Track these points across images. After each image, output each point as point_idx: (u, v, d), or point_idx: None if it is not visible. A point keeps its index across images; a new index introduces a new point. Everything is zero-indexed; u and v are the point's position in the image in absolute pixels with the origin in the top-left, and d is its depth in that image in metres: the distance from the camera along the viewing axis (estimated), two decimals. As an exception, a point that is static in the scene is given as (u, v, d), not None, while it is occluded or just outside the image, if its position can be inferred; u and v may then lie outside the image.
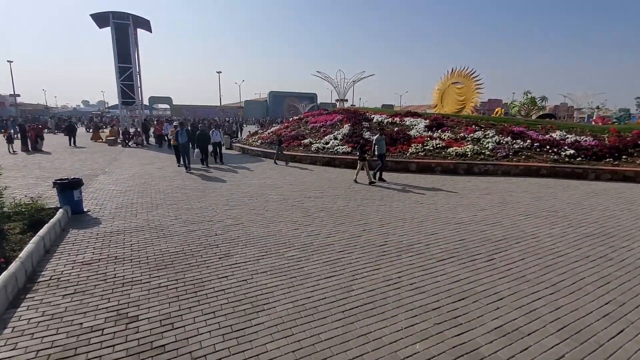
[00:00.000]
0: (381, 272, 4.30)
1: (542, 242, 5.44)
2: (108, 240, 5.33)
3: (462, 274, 4.29)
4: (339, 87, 42.69)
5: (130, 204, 7.39)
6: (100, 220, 6.32)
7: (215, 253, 4.84)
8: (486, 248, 5.16)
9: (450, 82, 21.78)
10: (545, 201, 8.07)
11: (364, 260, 4.65)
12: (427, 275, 4.25)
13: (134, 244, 5.17)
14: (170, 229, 5.82)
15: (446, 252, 4.97)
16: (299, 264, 4.51)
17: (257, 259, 4.65)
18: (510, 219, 6.64)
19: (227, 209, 7.09)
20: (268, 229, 5.88)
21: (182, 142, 12.21)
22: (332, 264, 4.52)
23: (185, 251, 4.90)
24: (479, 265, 4.55)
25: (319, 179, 10.62)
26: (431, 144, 13.28)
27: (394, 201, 7.96)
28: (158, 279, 4.06)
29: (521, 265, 4.58)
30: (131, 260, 4.60)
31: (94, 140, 23.21)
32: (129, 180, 10.03)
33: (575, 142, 12.61)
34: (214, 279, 4.09)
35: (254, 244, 5.19)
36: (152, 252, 4.84)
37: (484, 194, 8.71)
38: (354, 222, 6.33)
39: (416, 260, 4.69)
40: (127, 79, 21.40)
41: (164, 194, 8.36)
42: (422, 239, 5.52)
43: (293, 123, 19.95)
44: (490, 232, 5.90)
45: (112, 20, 20.53)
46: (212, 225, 6.06)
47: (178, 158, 12.90)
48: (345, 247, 5.13)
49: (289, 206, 7.41)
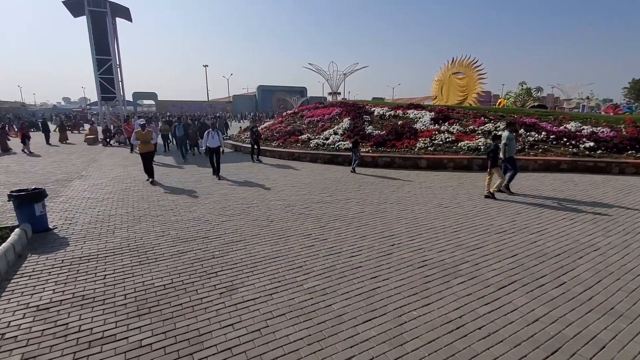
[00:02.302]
0: (434, 310, 3.31)
1: (607, 256, 4.54)
2: (75, 270, 4.19)
3: (537, 309, 3.33)
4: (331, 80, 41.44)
5: (107, 217, 6.21)
6: (69, 240, 5.15)
7: (214, 286, 3.77)
8: (547, 266, 4.23)
9: (450, 73, 20.86)
10: (580, 200, 7.22)
11: (407, 291, 3.65)
12: (494, 312, 3.27)
13: (108, 274, 4.05)
14: (155, 251, 4.70)
15: (503, 275, 4.01)
16: (324, 300, 3.48)
17: (270, 294, 3.60)
18: (554, 225, 5.75)
19: (225, 220, 6.00)
20: (277, 247, 4.82)
21: (179, 136, 13.85)
22: (367, 299, 3.50)
23: (175, 284, 3.81)
24: (552, 294, 3.60)
25: (322, 179, 9.58)
26: (440, 138, 12.35)
27: (415, 205, 6.98)
28: (138, 334, 2.97)
29: (602, 292, 3.65)
30: (103, 301, 3.49)
31: (61, 142, 20.68)
32: (108, 186, 8.78)
33: (593, 134, 11.86)
34: (215, 329, 3.03)
35: (262, 270, 4.13)
36: (132, 288, 3.74)
37: (509, 194, 7.81)
38: (377, 234, 5.33)
39: (471, 288, 3.72)
40: (107, 72, 19.80)
41: (148, 202, 7.19)
42: (465, 256, 4.55)
43: (287, 118, 18.79)
44: (541, 243, 4.98)
45: (88, 7, 18.87)
46: (208, 243, 4.97)
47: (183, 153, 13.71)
48: (377, 270, 4.13)
49: (297, 214, 6.35)
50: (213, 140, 10.07)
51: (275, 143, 14.84)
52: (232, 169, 11.37)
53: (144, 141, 9.11)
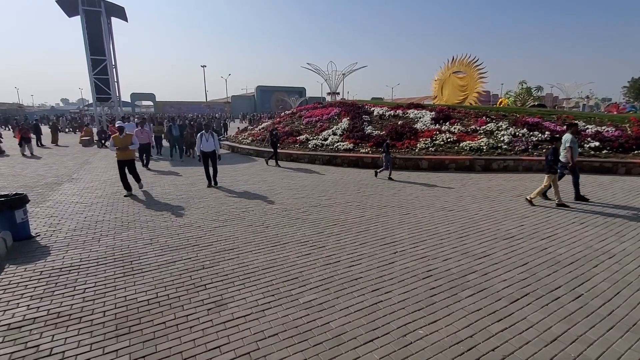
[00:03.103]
0: (442, 328, 3.01)
1: (623, 264, 4.26)
2: (54, 283, 3.89)
3: (554, 326, 3.03)
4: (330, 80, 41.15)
5: (93, 223, 5.91)
6: (50, 249, 4.84)
7: (202, 301, 3.47)
8: (561, 276, 3.94)
9: (450, 72, 20.57)
10: (589, 203, 6.93)
11: (411, 305, 3.36)
12: (508, 330, 2.98)
13: (88, 288, 3.75)
14: (141, 261, 4.40)
15: (515, 286, 3.72)
16: (321, 317, 3.18)
17: (262, 309, 3.31)
18: (565, 230, 5.46)
19: (217, 227, 5.70)
20: (272, 256, 4.52)
21: (175, 135, 14.49)
22: (368, 315, 3.21)
23: (160, 299, 3.51)
24: (569, 308, 3.31)
25: (321, 181, 9.28)
26: (441, 138, 12.07)
27: (417, 208, 6.70)
28: (115, 358, 2.67)
29: (622, 306, 3.37)
30: (80, 319, 3.19)
31: (54, 144, 20.20)
32: (98, 189, 8.48)
33: (598, 133, 11.58)
34: (200, 352, 2.73)
35: (255, 282, 3.84)
36: (113, 304, 3.44)
37: (515, 196, 7.53)
38: (378, 241, 5.04)
39: (481, 302, 3.42)
40: (101, 72, 19.46)
41: (138, 207, 6.89)
42: (473, 264, 4.26)
43: (286, 118, 18.49)
44: (553, 250, 4.69)
45: (82, 7, 18.54)
46: (199, 252, 4.67)
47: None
48: (378, 281, 3.83)
49: (293, 219, 6.06)
50: (207, 143, 8.60)
51: (272, 144, 14.53)
52: (229, 170, 11.07)
53: (122, 147, 7.75)
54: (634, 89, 50.22)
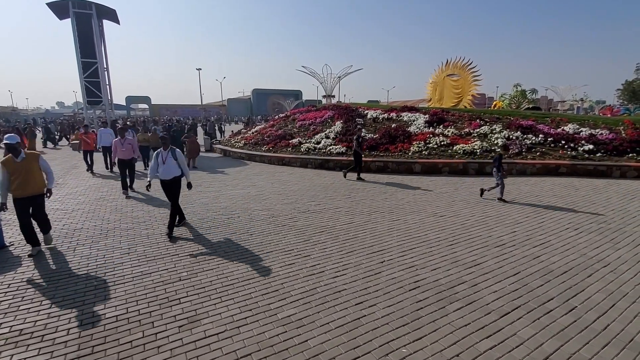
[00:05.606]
0: (427, 345, 2.83)
1: (619, 274, 4.10)
2: (20, 297, 3.67)
3: (545, 343, 2.86)
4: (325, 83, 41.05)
5: (72, 231, 5.68)
6: (22, 259, 4.61)
7: (174, 317, 3.26)
8: (554, 287, 3.77)
9: (445, 75, 20.53)
10: (583, 208, 6.80)
11: (396, 320, 3.17)
12: (497, 348, 2.80)
13: (55, 302, 3.53)
14: (115, 272, 4.19)
15: (505, 299, 3.54)
16: (299, 334, 2.99)
17: (237, 326, 3.11)
18: (558, 236, 5.31)
19: (200, 234, 5.49)
20: (253, 266, 4.32)
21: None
22: (349, 332, 3.02)
23: (130, 314, 3.30)
24: (562, 322, 3.14)
25: (312, 186, 9.10)
26: (434, 141, 11.93)
27: (407, 214, 6.53)
28: (71, 384, 2.47)
29: (618, 319, 3.20)
30: (42, 338, 2.98)
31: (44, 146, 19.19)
32: (82, 195, 8.23)
33: (592, 136, 11.50)
34: (165, 376, 2.53)
35: (232, 295, 3.64)
36: (79, 320, 3.22)
37: (509, 200, 7.39)
38: (366, 249, 4.86)
39: (469, 316, 3.25)
40: (92, 75, 19.21)
41: (121, 214, 6.67)
42: (463, 274, 4.09)
43: (279, 121, 18.31)
44: (545, 258, 4.53)
45: (72, 9, 18.31)
46: (177, 262, 4.46)
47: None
48: (362, 294, 3.65)
49: (280, 226, 5.87)
50: (165, 167, 5.40)
51: (265, 148, 14.36)
52: (219, 175, 10.85)
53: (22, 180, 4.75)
54: (627, 92, 50.55)
